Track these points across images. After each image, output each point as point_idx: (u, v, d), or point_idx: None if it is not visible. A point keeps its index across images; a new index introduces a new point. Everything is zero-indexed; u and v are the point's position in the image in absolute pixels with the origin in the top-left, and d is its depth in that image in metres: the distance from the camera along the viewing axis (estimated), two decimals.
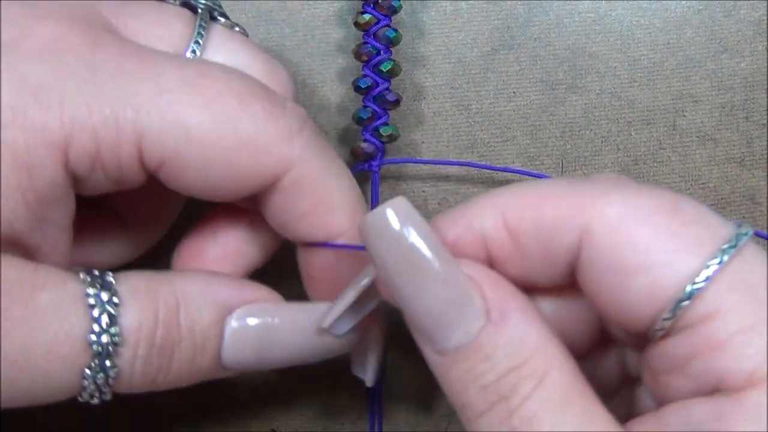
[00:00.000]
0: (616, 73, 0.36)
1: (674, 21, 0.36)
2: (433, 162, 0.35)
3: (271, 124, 0.27)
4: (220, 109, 0.26)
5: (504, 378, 0.24)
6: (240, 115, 0.26)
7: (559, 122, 0.36)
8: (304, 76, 0.36)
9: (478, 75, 0.36)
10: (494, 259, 0.26)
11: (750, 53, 0.36)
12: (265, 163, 0.27)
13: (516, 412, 0.24)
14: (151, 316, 0.26)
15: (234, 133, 0.26)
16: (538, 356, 0.24)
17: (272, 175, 0.27)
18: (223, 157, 0.26)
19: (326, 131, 0.36)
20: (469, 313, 0.24)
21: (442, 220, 0.26)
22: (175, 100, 0.26)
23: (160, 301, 0.26)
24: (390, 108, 0.34)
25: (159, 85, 0.26)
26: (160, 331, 0.26)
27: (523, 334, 0.24)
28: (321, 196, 0.28)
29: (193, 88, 0.26)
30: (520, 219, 0.25)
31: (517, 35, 0.36)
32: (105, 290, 0.25)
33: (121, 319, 0.25)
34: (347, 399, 0.36)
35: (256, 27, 0.36)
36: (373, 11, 0.33)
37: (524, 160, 0.36)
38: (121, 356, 0.25)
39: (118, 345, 0.25)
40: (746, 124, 0.35)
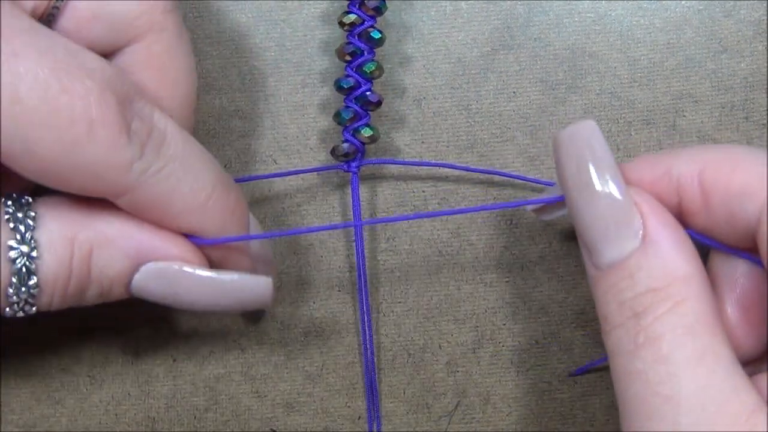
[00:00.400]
0: (616, 73, 0.36)
1: (674, 21, 0.36)
2: (411, 163, 0.35)
3: (112, 154, 0.27)
4: (68, 134, 0.27)
5: (641, 297, 0.26)
6: (85, 143, 0.27)
7: (559, 122, 0.36)
8: (303, 76, 0.36)
9: (478, 75, 0.36)
10: (684, 209, 0.28)
11: (750, 53, 0.36)
12: (99, 187, 0.28)
13: (644, 330, 0.26)
14: (65, 268, 0.29)
15: (74, 159, 0.27)
16: (677, 285, 0.26)
17: (106, 195, 0.28)
18: (60, 172, 0.27)
19: (326, 131, 0.36)
20: (626, 233, 0.27)
21: (645, 160, 0.28)
22: (27, 115, 0.26)
23: (75, 249, 0.29)
24: (372, 109, 0.34)
25: (15, 92, 0.26)
26: (72, 281, 0.29)
27: (670, 262, 0.26)
28: (159, 209, 0.29)
29: (49, 103, 0.26)
30: (714, 178, 0.27)
31: (517, 35, 0.36)
32: (25, 244, 0.28)
33: (38, 273, 0.28)
34: (347, 399, 0.36)
35: (256, 27, 0.36)
36: (358, 12, 0.33)
37: (524, 160, 0.36)
38: (38, 300, 0.29)
39: (35, 295, 0.28)
40: (746, 124, 0.35)
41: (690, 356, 0.25)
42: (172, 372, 0.36)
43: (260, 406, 0.36)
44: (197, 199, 0.29)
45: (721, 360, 0.25)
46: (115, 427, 0.35)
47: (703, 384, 0.25)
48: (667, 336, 0.25)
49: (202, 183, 0.29)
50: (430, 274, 0.36)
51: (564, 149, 0.28)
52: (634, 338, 0.26)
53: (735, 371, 0.25)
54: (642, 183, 0.28)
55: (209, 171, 0.30)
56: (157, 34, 0.30)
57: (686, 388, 0.25)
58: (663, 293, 0.26)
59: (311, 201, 0.36)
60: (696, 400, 0.25)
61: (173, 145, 0.29)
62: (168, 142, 0.29)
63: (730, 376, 0.25)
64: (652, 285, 0.26)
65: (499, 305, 0.36)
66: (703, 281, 0.27)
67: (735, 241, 0.28)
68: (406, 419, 0.36)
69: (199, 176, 0.29)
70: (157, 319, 0.35)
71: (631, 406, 0.26)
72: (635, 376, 0.26)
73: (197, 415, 0.35)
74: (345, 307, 0.36)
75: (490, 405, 0.36)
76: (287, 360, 0.36)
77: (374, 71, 0.34)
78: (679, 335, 0.25)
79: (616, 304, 0.27)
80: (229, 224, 0.31)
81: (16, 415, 0.35)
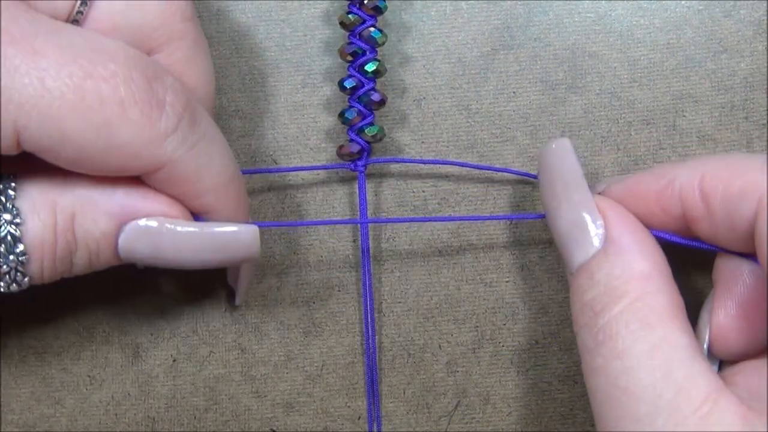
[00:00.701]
0: (616, 73, 0.36)
1: (674, 21, 0.36)
2: (418, 161, 0.35)
3: (147, 130, 0.28)
4: (100, 116, 0.27)
5: (599, 296, 0.28)
6: (118, 123, 0.27)
7: (559, 122, 0.36)
8: (303, 76, 0.36)
9: (478, 75, 0.36)
10: (688, 217, 0.29)
11: (750, 53, 0.36)
12: (135, 165, 0.28)
13: (601, 329, 0.27)
14: (50, 232, 0.29)
15: (109, 140, 0.27)
16: (634, 282, 0.28)
17: (142, 172, 0.29)
18: (95, 156, 0.28)
19: (326, 131, 0.36)
20: (589, 238, 0.29)
21: (651, 174, 0.30)
22: (56, 104, 0.26)
23: (57, 213, 0.29)
24: (375, 108, 0.34)
25: (43, 84, 0.26)
26: (59, 245, 0.29)
27: (628, 261, 0.28)
28: (189, 185, 0.29)
29: (75, 90, 0.27)
30: (713, 185, 0.28)
31: (517, 35, 0.36)
32: (7, 212, 0.28)
33: (24, 239, 0.28)
34: (347, 399, 0.36)
35: (256, 27, 0.36)
36: (358, 11, 0.33)
37: (524, 160, 0.36)
38: (28, 268, 0.29)
39: (25, 263, 0.29)
40: (746, 124, 0.35)
41: (645, 349, 0.26)
42: (172, 372, 0.36)
43: (260, 406, 0.36)
44: (224, 178, 0.30)
45: (678, 350, 0.26)
46: (115, 427, 0.35)
47: (659, 374, 0.26)
48: (622, 332, 0.27)
49: (228, 162, 0.30)
50: (430, 274, 0.36)
51: (541, 165, 0.31)
52: (594, 337, 0.28)
53: (693, 358, 0.26)
54: (648, 195, 0.30)
55: (230, 155, 0.31)
56: (177, 42, 0.30)
57: (643, 380, 0.26)
58: (620, 290, 0.28)
59: (311, 201, 0.36)
60: (653, 390, 0.26)
61: (204, 123, 0.29)
62: (200, 118, 0.29)
63: (686, 364, 0.26)
64: (610, 284, 0.28)
65: (499, 305, 0.36)
66: (662, 277, 0.28)
67: (739, 245, 0.29)
68: (406, 419, 0.36)
69: (225, 156, 0.30)
70: (157, 319, 0.35)
71: (596, 400, 0.27)
72: (597, 372, 0.27)
73: (197, 415, 0.35)
74: (345, 307, 0.36)
75: (490, 405, 0.36)
76: (287, 360, 0.36)
77: (376, 70, 0.34)
78: (633, 330, 0.27)
79: (579, 305, 0.29)
80: (242, 207, 0.31)
81: (16, 415, 0.35)
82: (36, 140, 0.27)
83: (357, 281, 0.36)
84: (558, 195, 0.30)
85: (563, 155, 0.30)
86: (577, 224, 0.29)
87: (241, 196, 0.31)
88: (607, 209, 0.29)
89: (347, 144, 0.34)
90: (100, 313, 0.36)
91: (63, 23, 0.28)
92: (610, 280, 0.28)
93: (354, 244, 0.36)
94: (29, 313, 0.35)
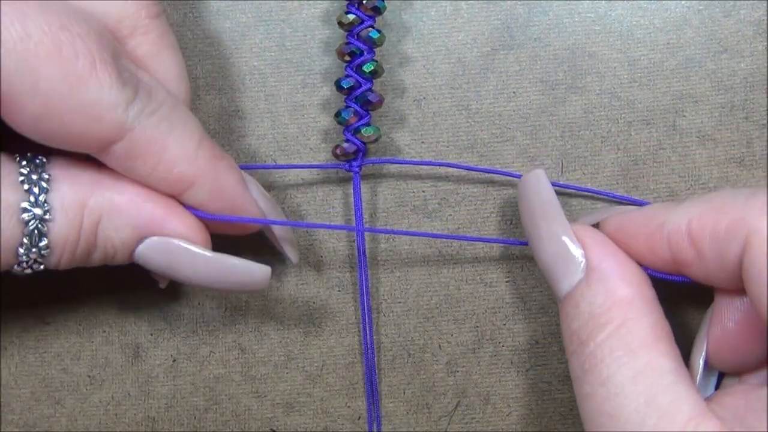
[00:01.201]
0: (616, 73, 0.36)
1: (674, 21, 0.36)
2: (412, 162, 0.35)
3: (114, 92, 0.28)
4: (73, 69, 0.27)
5: (585, 324, 0.28)
6: (88, 80, 0.28)
7: (559, 122, 0.36)
8: (303, 76, 0.36)
9: (478, 75, 0.36)
10: (679, 261, 0.30)
11: (750, 53, 0.35)
12: (98, 129, 0.28)
13: (587, 357, 0.28)
14: (75, 231, 0.30)
15: (78, 96, 0.28)
16: (617, 308, 0.28)
17: (102, 141, 0.29)
18: (61, 113, 0.28)
19: (326, 131, 0.36)
20: (572, 268, 0.29)
21: (642, 215, 0.31)
22: (34, 49, 0.27)
23: (85, 215, 0.30)
24: (372, 109, 0.34)
25: (24, 28, 0.27)
26: (81, 244, 0.30)
27: (611, 289, 0.29)
28: (155, 156, 0.30)
29: (53, 39, 0.27)
30: (701, 227, 0.29)
31: (517, 35, 0.36)
32: (38, 206, 0.29)
33: (49, 234, 0.29)
34: (347, 399, 0.36)
35: (256, 27, 0.36)
36: (357, 11, 0.33)
37: (524, 160, 0.36)
38: (47, 260, 0.30)
39: (45, 256, 0.29)
40: (746, 124, 0.35)
41: (629, 375, 0.27)
42: (172, 372, 0.36)
43: (260, 406, 0.36)
44: (189, 146, 0.30)
45: (662, 374, 0.27)
46: (115, 427, 0.35)
47: (643, 400, 0.27)
48: (606, 359, 0.27)
49: (190, 130, 0.30)
50: (430, 274, 0.36)
51: (519, 195, 0.32)
52: (582, 365, 0.28)
53: (677, 382, 0.27)
54: (638, 236, 0.30)
55: (194, 121, 0.31)
56: (141, 37, 0.30)
57: (627, 406, 0.27)
58: (604, 318, 0.28)
59: (311, 201, 0.36)
60: (636, 415, 0.26)
61: (161, 95, 0.30)
62: (156, 90, 0.30)
63: (670, 389, 0.27)
64: (593, 312, 0.28)
65: (499, 305, 0.36)
66: (645, 301, 0.28)
67: (732, 284, 0.29)
68: (406, 419, 0.36)
69: (187, 123, 0.30)
70: (157, 319, 0.35)
71: (587, 426, 0.28)
72: (586, 399, 0.28)
73: (197, 415, 0.35)
74: (345, 307, 0.36)
75: (490, 405, 0.36)
76: (287, 360, 0.36)
77: (374, 71, 0.34)
78: (617, 357, 0.27)
79: (568, 333, 0.29)
80: (221, 172, 0.31)
81: (16, 415, 0.35)
82: (8, 84, 0.27)
83: (356, 281, 0.36)
84: (538, 226, 0.31)
85: (538, 187, 0.31)
86: (559, 255, 0.30)
87: (218, 156, 0.31)
88: (586, 237, 0.30)
89: (342, 144, 0.34)
90: (100, 313, 0.36)
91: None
92: (593, 309, 0.29)
93: (353, 244, 0.36)
94: (29, 313, 0.35)
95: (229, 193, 0.31)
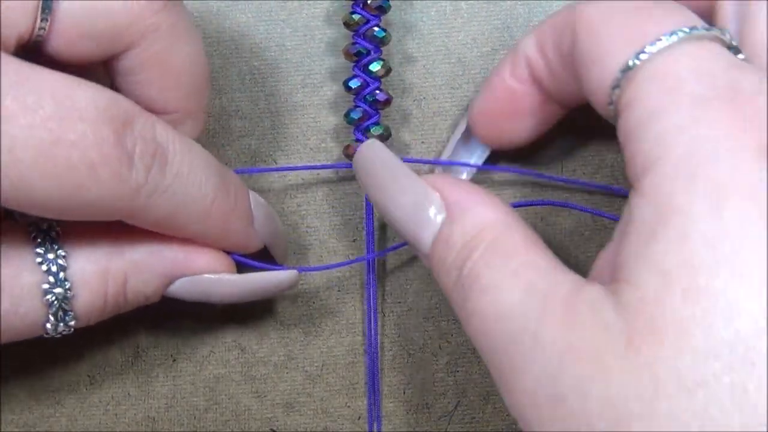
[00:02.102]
0: None
1: None
2: (422, 161, 0.35)
3: (117, 188, 0.27)
4: (69, 181, 0.27)
5: (459, 253, 0.27)
6: (88, 185, 0.27)
7: (559, 122, 0.36)
8: (303, 76, 0.36)
9: (478, 75, 0.36)
10: (538, 81, 0.30)
11: None
12: (108, 215, 0.28)
13: (467, 277, 0.27)
14: (100, 298, 0.30)
15: (79, 201, 0.27)
16: (488, 229, 0.27)
17: (116, 219, 0.29)
18: (65, 213, 0.28)
19: (326, 131, 0.36)
20: (431, 213, 0.28)
21: (507, 58, 0.31)
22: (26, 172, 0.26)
23: (109, 282, 0.30)
24: (381, 108, 0.34)
25: (13, 153, 0.26)
26: (109, 305, 0.30)
27: (477, 215, 0.28)
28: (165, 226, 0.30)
29: (45, 157, 0.26)
30: (545, 40, 0.29)
31: (517, 35, 0.36)
32: (59, 286, 0.29)
33: (74, 308, 0.30)
34: (347, 399, 0.36)
35: (256, 27, 0.36)
36: (362, 11, 0.33)
37: (524, 160, 0.36)
38: (75, 325, 0.30)
39: (73, 325, 0.30)
40: None
41: (506, 274, 0.26)
42: (172, 372, 0.36)
43: (260, 406, 0.36)
44: (201, 208, 0.30)
45: (539, 268, 0.26)
46: (115, 427, 0.35)
47: (523, 289, 0.26)
48: (484, 271, 0.27)
49: (204, 191, 0.30)
50: (430, 274, 0.36)
51: (356, 168, 0.31)
52: (462, 287, 0.27)
53: (555, 269, 0.26)
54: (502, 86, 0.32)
55: (211, 177, 0.30)
56: (151, 35, 0.29)
57: (509, 300, 0.26)
58: (476, 240, 0.27)
59: (311, 201, 0.36)
60: (520, 306, 0.25)
61: (176, 162, 0.29)
62: (171, 159, 0.29)
63: (547, 275, 0.26)
64: (465, 238, 0.27)
65: None
66: (513, 219, 0.28)
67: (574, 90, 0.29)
68: (406, 419, 0.36)
69: (202, 186, 0.30)
70: (157, 319, 0.35)
71: (478, 343, 0.27)
72: (471, 315, 0.27)
73: (197, 415, 0.35)
74: (345, 307, 0.36)
75: (490, 405, 0.35)
76: (287, 360, 0.36)
77: (380, 70, 0.34)
78: (494, 265, 0.27)
79: (444, 273, 0.28)
80: (232, 223, 0.31)
81: (16, 415, 0.35)
82: (5, 201, 0.27)
83: (357, 281, 0.36)
84: (385, 187, 0.30)
85: (375, 151, 0.31)
86: (415, 204, 0.29)
87: (230, 207, 0.31)
88: (436, 181, 0.29)
89: (353, 144, 0.34)
90: None
91: (30, 68, 0.27)
92: (464, 237, 0.28)
93: (354, 244, 0.36)
94: None
95: (233, 241, 0.32)
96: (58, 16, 0.28)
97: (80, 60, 0.29)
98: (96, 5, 0.28)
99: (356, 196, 0.36)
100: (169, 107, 0.31)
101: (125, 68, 0.30)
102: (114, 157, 0.27)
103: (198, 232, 0.31)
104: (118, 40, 0.29)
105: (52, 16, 0.28)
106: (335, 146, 0.36)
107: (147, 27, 0.29)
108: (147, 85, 0.30)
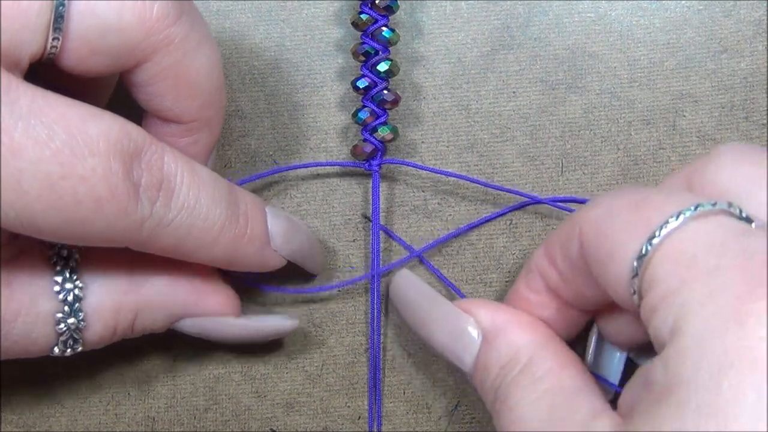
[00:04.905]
0: (616, 73, 0.36)
1: (674, 21, 0.36)
2: (432, 170, 0.35)
3: (122, 222, 0.28)
4: (75, 215, 0.27)
5: (496, 377, 0.29)
6: (93, 219, 0.27)
7: (559, 122, 0.36)
8: (303, 76, 0.36)
9: (478, 75, 0.36)
10: (553, 290, 0.30)
11: (750, 53, 0.36)
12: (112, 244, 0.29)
13: (500, 396, 0.29)
14: (110, 331, 0.31)
15: (83, 232, 0.27)
16: (523, 351, 0.29)
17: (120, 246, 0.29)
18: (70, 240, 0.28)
19: (326, 131, 0.36)
20: (469, 338, 0.30)
21: (521, 273, 0.32)
22: (33, 204, 0.26)
23: (120, 317, 0.31)
24: (389, 108, 0.34)
25: (20, 185, 0.26)
26: (116, 337, 0.31)
27: (511, 338, 0.29)
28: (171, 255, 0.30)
29: (52, 191, 0.26)
30: (554, 251, 0.30)
31: (517, 35, 0.36)
32: (73, 316, 0.30)
33: (83, 338, 0.31)
34: (347, 399, 0.36)
35: (256, 27, 0.36)
36: (370, 11, 0.33)
37: (524, 160, 0.36)
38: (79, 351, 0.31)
39: (78, 351, 0.31)
40: (746, 124, 0.35)
41: (534, 397, 0.28)
42: (172, 372, 0.36)
43: (260, 406, 0.36)
44: (208, 238, 0.30)
45: (565, 391, 0.28)
46: (115, 427, 0.35)
47: (546, 413, 0.27)
48: (514, 390, 0.28)
49: (211, 221, 0.30)
50: (430, 274, 0.36)
51: (396, 301, 0.33)
52: (495, 405, 0.29)
53: (582, 392, 0.28)
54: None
55: (219, 203, 0.30)
56: (164, 48, 0.29)
57: (532, 420, 0.27)
58: (512, 363, 0.29)
59: (311, 201, 0.36)
60: (539, 425, 0.27)
61: (182, 194, 0.29)
62: (177, 191, 0.29)
63: (572, 400, 0.27)
64: (501, 363, 0.29)
65: None
66: (548, 338, 0.29)
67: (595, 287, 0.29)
68: (406, 419, 0.36)
69: (209, 214, 0.30)
70: None
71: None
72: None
73: (197, 415, 0.35)
74: (345, 307, 0.36)
75: None
76: (287, 360, 0.36)
77: (388, 70, 0.34)
78: (524, 386, 0.28)
79: (484, 394, 0.30)
80: (242, 248, 0.31)
81: (16, 415, 0.35)
82: (10, 227, 0.27)
83: (356, 281, 0.36)
84: (423, 317, 0.32)
85: (409, 284, 0.33)
86: (453, 332, 0.31)
87: (241, 233, 0.31)
88: (470, 307, 0.31)
89: (361, 144, 0.34)
90: None
91: (44, 98, 0.27)
92: (501, 361, 0.29)
93: (354, 244, 0.36)
94: None
95: (246, 264, 0.32)
96: (69, 34, 0.28)
97: (93, 74, 0.29)
98: (107, 23, 0.28)
99: (356, 196, 0.36)
100: (185, 117, 0.30)
101: (139, 80, 0.30)
102: (121, 191, 0.27)
103: (206, 260, 0.31)
104: (130, 56, 0.29)
105: (64, 35, 0.27)
106: (335, 146, 0.36)
107: (159, 41, 0.29)
108: (161, 96, 0.30)
